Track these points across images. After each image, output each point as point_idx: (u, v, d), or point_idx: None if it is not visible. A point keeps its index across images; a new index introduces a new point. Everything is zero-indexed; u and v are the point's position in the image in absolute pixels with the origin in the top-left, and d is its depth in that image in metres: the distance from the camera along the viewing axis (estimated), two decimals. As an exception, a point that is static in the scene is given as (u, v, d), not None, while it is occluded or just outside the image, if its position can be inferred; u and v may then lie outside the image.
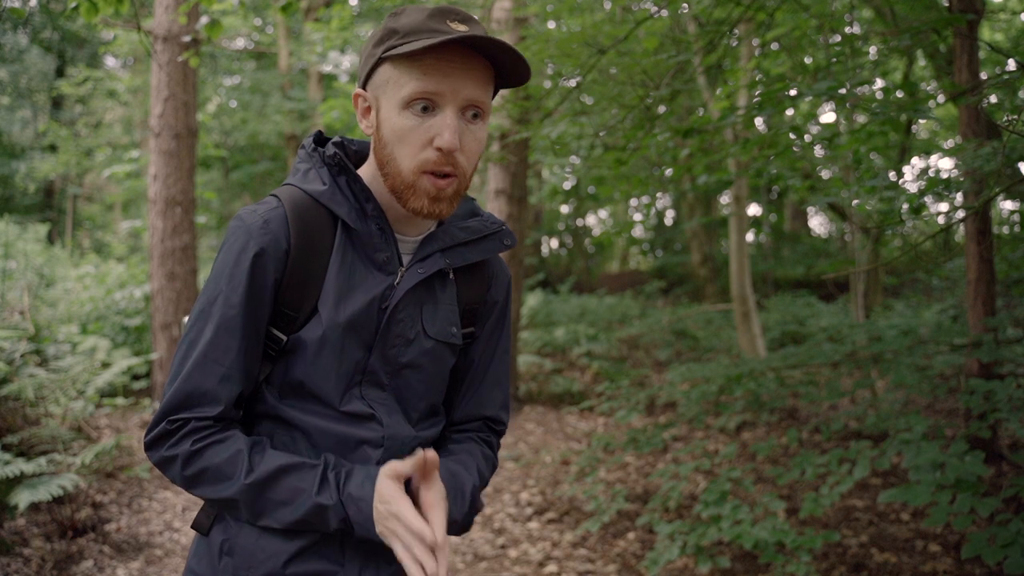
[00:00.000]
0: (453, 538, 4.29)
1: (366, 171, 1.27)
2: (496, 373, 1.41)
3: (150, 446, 1.18)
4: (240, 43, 14.79)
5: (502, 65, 1.17)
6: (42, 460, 3.75)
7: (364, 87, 1.22)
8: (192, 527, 1.28)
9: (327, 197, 1.21)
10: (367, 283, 1.22)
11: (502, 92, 6.02)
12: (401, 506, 1.10)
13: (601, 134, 5.36)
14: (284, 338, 1.21)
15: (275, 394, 1.23)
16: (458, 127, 1.14)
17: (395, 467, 1.13)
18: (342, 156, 1.23)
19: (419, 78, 1.13)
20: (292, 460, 1.17)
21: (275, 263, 1.18)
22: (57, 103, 18.71)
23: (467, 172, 1.19)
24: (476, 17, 1.17)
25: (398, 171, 1.17)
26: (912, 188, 4.47)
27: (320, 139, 1.29)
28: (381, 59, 1.17)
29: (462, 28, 1.13)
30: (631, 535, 4.30)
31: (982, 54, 5.43)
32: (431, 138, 1.14)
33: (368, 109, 1.22)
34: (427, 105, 1.14)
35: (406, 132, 1.15)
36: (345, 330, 1.20)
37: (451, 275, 1.32)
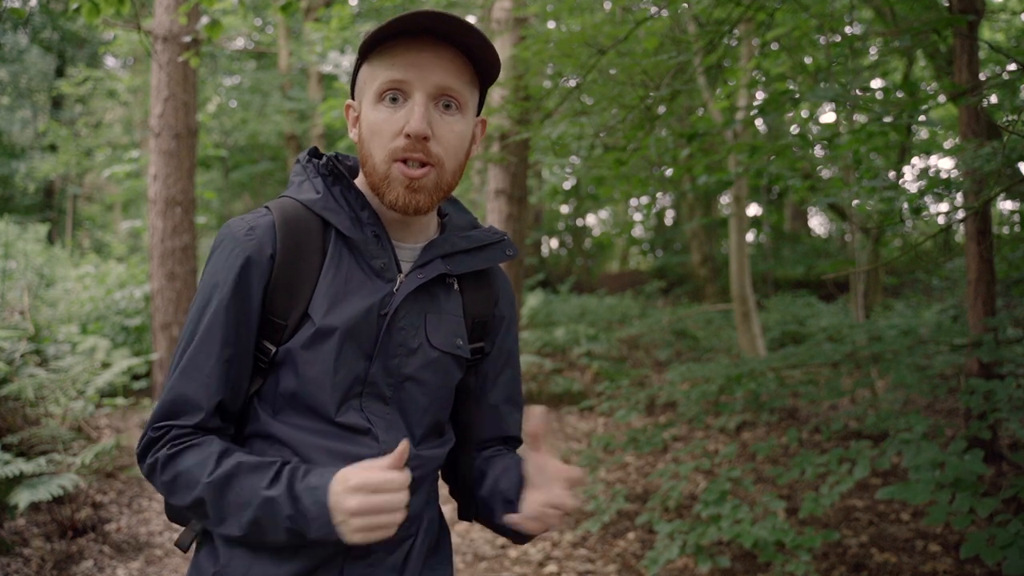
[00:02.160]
0: (454, 539, 4.28)
1: (359, 183, 1.27)
2: (515, 393, 1.40)
3: (140, 456, 1.18)
4: (240, 43, 14.77)
5: (472, 51, 1.17)
6: (42, 460, 3.75)
7: (353, 97, 1.26)
8: (176, 544, 1.27)
9: (320, 205, 1.20)
10: (365, 289, 1.19)
11: (502, 93, 6.02)
12: (363, 474, 1.04)
13: (601, 134, 5.35)
14: (273, 349, 1.18)
15: (268, 410, 1.20)
16: (427, 113, 1.14)
17: (365, 462, 1.08)
18: (335, 164, 1.23)
19: (388, 68, 1.15)
20: (253, 459, 1.13)
21: (260, 269, 1.17)
22: (57, 103, 18.71)
23: (445, 163, 1.18)
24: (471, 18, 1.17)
25: (373, 165, 1.17)
26: (912, 188, 4.47)
27: (315, 153, 1.29)
28: (360, 63, 1.20)
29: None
30: (631, 535, 4.30)
31: (982, 54, 5.43)
32: (401, 127, 1.15)
33: (356, 118, 1.24)
34: (396, 95, 1.15)
35: (379, 124, 1.16)
36: (342, 337, 1.17)
37: (456, 286, 1.29)
